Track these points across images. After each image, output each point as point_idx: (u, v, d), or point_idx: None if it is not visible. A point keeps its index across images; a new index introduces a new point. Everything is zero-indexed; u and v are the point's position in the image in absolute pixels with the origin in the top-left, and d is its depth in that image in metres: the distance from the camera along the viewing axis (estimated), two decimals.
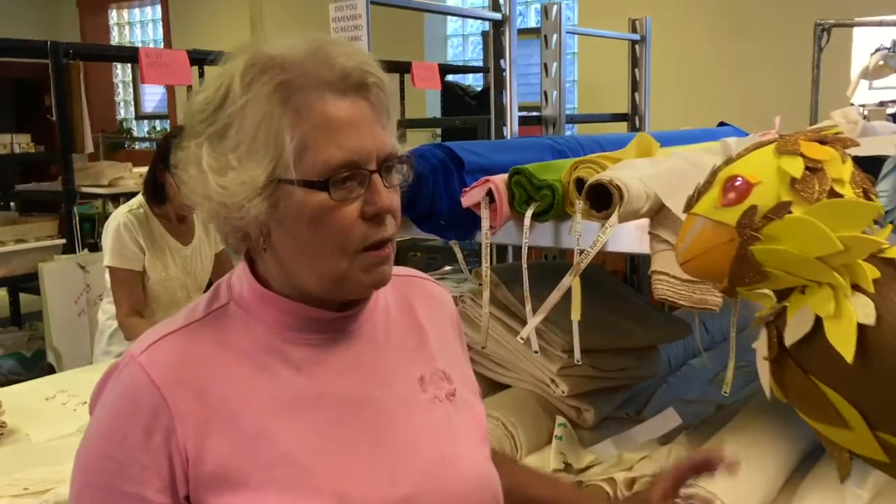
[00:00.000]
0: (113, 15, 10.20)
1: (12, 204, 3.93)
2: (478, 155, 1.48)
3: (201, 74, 3.97)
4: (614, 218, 1.19)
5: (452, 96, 5.34)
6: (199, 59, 3.53)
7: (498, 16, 2.08)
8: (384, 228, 0.87)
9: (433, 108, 6.55)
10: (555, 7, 2.24)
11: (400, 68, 4.68)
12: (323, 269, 0.86)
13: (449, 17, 7.35)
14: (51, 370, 3.03)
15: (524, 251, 1.37)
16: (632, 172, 1.24)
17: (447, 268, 2.88)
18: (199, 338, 0.88)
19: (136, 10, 10.25)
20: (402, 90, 5.09)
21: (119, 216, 2.56)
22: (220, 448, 0.82)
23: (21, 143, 3.21)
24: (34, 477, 1.48)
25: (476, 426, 1.01)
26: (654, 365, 1.76)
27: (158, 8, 9.83)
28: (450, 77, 5.97)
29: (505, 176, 1.38)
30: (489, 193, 1.36)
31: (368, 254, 0.87)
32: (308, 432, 0.86)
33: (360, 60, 0.87)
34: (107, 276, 2.58)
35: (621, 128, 3.11)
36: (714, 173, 0.80)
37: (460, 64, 7.23)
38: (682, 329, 1.81)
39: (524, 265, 1.37)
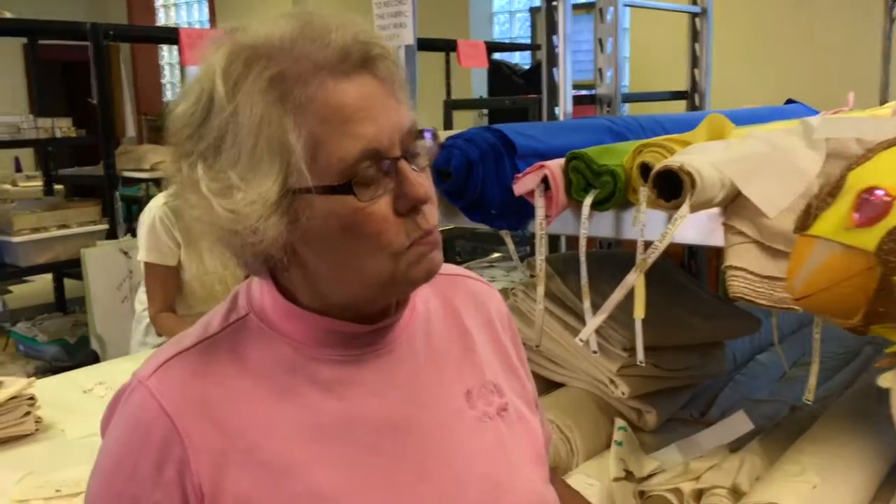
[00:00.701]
0: (160, 8, 10.20)
1: (56, 188, 3.92)
2: (531, 138, 1.37)
3: None
4: (685, 208, 1.07)
5: (499, 75, 5.20)
6: None
7: None
8: (424, 219, 0.77)
9: (479, 88, 6.41)
10: None
11: (445, 47, 4.56)
12: (366, 277, 0.76)
13: None
14: (95, 358, 3.01)
15: (582, 242, 1.26)
16: (704, 157, 1.12)
17: (495, 255, 2.77)
18: (214, 356, 0.78)
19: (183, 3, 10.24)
20: (447, 69, 4.96)
21: (154, 209, 2.46)
22: (240, 483, 0.73)
23: (62, 126, 3.18)
24: (67, 478, 1.42)
25: (532, 444, 0.90)
26: (719, 362, 1.64)
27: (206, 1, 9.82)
28: (497, 55, 5.83)
29: (561, 161, 1.27)
30: (544, 180, 1.25)
31: (414, 248, 0.76)
32: (340, 463, 0.76)
33: (356, 31, 0.75)
34: (142, 268, 2.51)
35: (678, 107, 2.96)
36: (836, 184, 0.66)
37: (507, 41, 7.07)
38: (751, 323, 1.68)
39: (582, 258, 1.26)
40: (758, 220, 1.10)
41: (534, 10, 6.63)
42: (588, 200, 1.23)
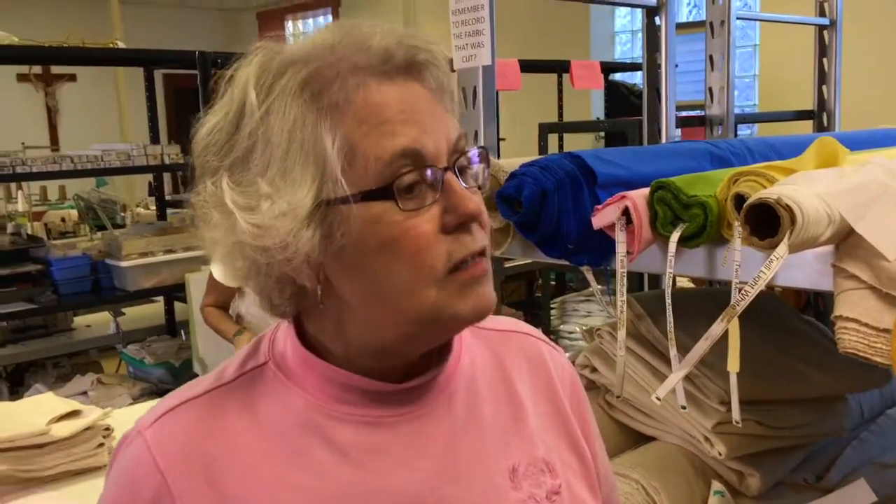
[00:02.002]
0: (289, 25, 10.56)
1: (169, 213, 4.03)
2: (615, 165, 1.23)
3: None
4: (783, 248, 0.91)
5: (617, 96, 5.02)
6: None
7: (652, 1, 1.81)
8: (472, 239, 0.67)
9: (598, 109, 6.24)
10: None
11: (557, 68, 4.43)
12: (407, 307, 0.66)
13: (617, 13, 7.02)
14: None
15: (668, 282, 1.11)
16: (809, 188, 0.95)
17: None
18: (222, 408, 0.70)
19: (311, 21, 10.58)
20: (559, 91, 4.83)
21: None
22: None
23: (171, 153, 3.26)
24: None
25: None
26: (840, 418, 1.44)
27: (330, 17, 10.10)
28: (618, 76, 5.65)
29: (645, 191, 1.13)
30: (626, 212, 1.12)
31: (459, 274, 0.66)
32: None
33: (402, 34, 0.67)
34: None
35: (807, 127, 2.73)
36: None
37: (629, 62, 6.87)
38: (879, 374, 1.47)
39: (668, 300, 1.11)
40: (874, 262, 0.92)
41: None
42: (675, 236, 1.08)
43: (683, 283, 2.24)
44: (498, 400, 0.78)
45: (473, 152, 0.70)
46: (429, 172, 0.65)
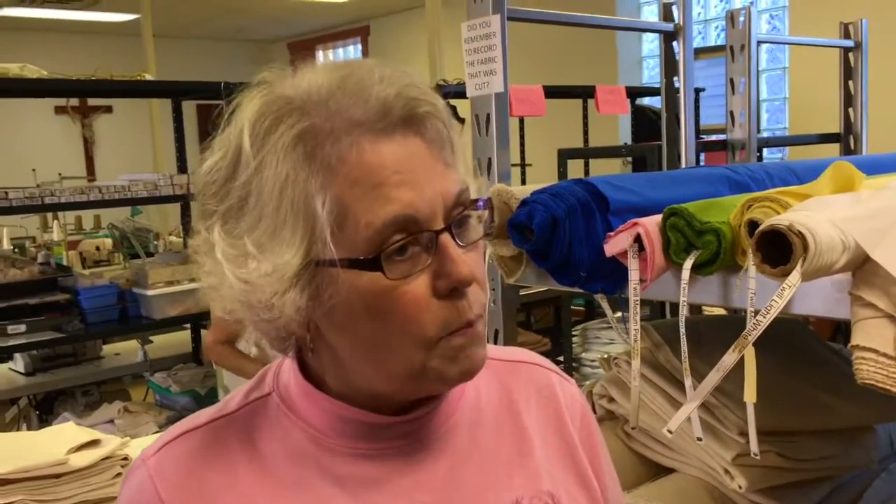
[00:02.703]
0: (320, 55, 10.70)
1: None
2: (628, 191, 1.22)
3: None
4: (795, 276, 0.89)
5: (644, 121, 5.00)
6: None
7: (669, 26, 1.79)
8: (467, 306, 0.65)
9: (626, 135, 6.22)
10: (742, 13, 1.92)
11: (582, 94, 4.43)
12: (391, 368, 0.65)
13: (644, 38, 7.02)
14: None
15: (682, 311, 1.09)
16: (822, 214, 0.93)
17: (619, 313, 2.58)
18: (223, 439, 0.70)
19: (340, 50, 10.72)
20: (584, 116, 4.82)
21: None
22: None
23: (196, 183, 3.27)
24: None
25: None
26: (867, 450, 1.39)
27: (360, 47, 10.22)
28: (646, 100, 5.62)
29: (658, 218, 1.11)
30: (638, 239, 1.10)
31: (451, 339, 0.64)
32: None
33: (403, 85, 0.65)
34: None
35: (835, 151, 2.69)
36: None
37: (657, 86, 6.85)
38: None
39: (682, 328, 1.08)
40: (892, 290, 0.90)
41: None
42: (688, 263, 1.06)
43: (716, 311, 2.20)
44: (502, 432, 0.77)
45: (478, 204, 0.68)
46: (423, 237, 0.63)
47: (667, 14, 1.79)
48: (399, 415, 0.70)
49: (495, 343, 1.50)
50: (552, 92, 3.54)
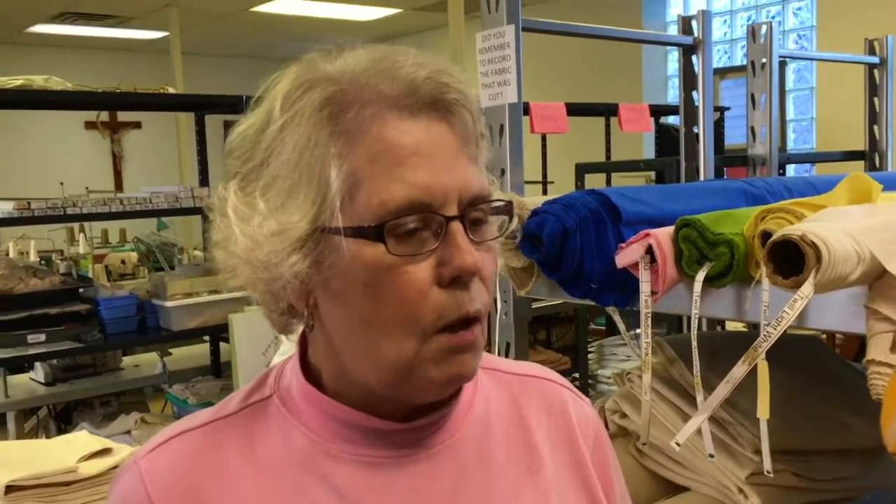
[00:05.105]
0: None
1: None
2: (641, 203, 1.20)
3: None
4: (808, 287, 0.86)
5: (667, 139, 4.97)
6: None
7: (688, 40, 1.78)
8: (469, 298, 0.63)
9: (650, 152, 6.19)
10: (763, 27, 1.90)
11: (605, 111, 4.41)
12: (380, 353, 0.63)
13: (670, 56, 7.00)
14: None
15: (694, 323, 1.07)
16: (837, 224, 0.91)
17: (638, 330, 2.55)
18: (220, 441, 0.68)
19: None
20: (607, 134, 4.80)
21: None
22: None
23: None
24: None
25: None
26: (887, 471, 1.35)
27: None
28: (670, 119, 5.59)
29: (670, 229, 1.09)
30: (650, 251, 1.08)
31: (445, 337, 0.62)
32: None
33: (435, 69, 0.64)
34: None
35: (860, 168, 2.65)
36: None
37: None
38: None
39: (694, 342, 1.06)
40: None
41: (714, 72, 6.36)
42: (700, 275, 1.05)
43: (738, 326, 2.16)
44: (512, 447, 0.74)
45: (497, 205, 0.67)
46: (433, 220, 0.62)
47: (686, 28, 1.77)
48: (404, 422, 0.69)
49: (506, 356, 1.48)
50: (575, 109, 3.53)
